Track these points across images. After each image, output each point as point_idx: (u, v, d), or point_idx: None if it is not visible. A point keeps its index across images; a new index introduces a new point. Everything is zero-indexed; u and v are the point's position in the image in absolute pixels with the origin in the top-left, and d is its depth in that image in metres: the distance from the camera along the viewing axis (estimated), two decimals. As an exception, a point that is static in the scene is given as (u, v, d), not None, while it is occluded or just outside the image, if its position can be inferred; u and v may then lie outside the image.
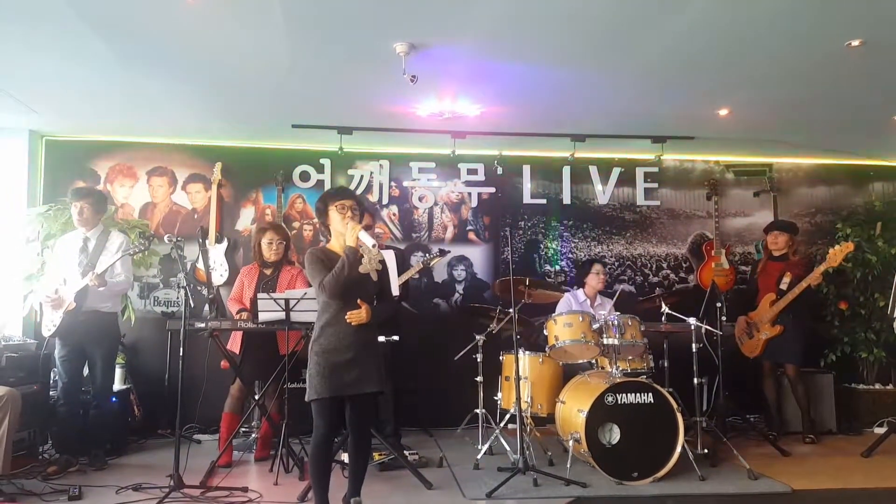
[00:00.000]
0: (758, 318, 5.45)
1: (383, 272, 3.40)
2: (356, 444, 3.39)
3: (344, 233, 3.30)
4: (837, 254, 5.08)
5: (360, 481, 3.37)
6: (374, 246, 3.28)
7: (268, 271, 4.83)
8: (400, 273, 4.82)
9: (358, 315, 3.24)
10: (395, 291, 4.48)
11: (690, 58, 4.24)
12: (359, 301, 3.25)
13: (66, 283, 4.40)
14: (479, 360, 4.96)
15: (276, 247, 4.79)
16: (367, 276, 3.29)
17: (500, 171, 6.29)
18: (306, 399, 3.27)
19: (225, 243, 5.90)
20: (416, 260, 5.99)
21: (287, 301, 4.16)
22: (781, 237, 5.52)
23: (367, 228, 4.68)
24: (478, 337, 4.97)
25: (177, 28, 3.81)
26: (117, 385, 5.28)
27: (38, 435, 4.58)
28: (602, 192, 6.45)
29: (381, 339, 4.26)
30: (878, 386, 5.96)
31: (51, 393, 4.69)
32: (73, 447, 4.49)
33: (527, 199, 6.39)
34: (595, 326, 4.58)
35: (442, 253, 5.44)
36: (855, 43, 3.95)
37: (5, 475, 3.86)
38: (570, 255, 6.38)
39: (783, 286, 5.36)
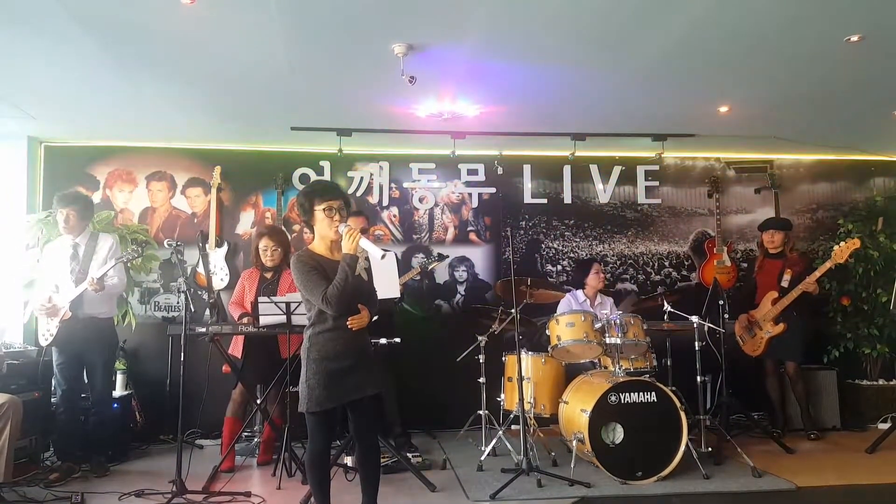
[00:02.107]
0: (759, 317, 5.42)
1: (370, 272, 3.23)
2: (365, 452, 3.22)
3: (330, 236, 3.13)
4: (844, 250, 5.03)
5: (374, 490, 3.20)
6: (382, 257, 3.06)
7: (268, 275, 4.82)
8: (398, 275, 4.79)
9: (360, 320, 3.12)
10: (397, 293, 4.47)
11: (690, 55, 4.23)
12: (360, 306, 3.13)
13: (58, 290, 4.37)
14: (481, 361, 4.95)
15: (272, 253, 4.76)
16: (360, 278, 3.13)
17: (500, 171, 6.27)
18: (302, 410, 3.07)
19: (225, 247, 5.89)
20: (417, 262, 5.99)
21: (288, 305, 4.15)
22: (777, 235, 5.52)
23: (363, 232, 4.68)
24: (480, 338, 4.96)
25: (174, 32, 3.80)
26: (119, 391, 5.28)
27: (40, 442, 4.57)
28: (603, 191, 6.44)
29: (383, 341, 4.28)
30: (881, 382, 5.95)
31: (52, 400, 4.67)
32: (75, 454, 4.48)
33: (527, 199, 6.38)
34: (597, 326, 4.57)
35: (441, 257, 5.42)
36: (854, 38, 3.94)
37: (7, 483, 3.86)
38: (572, 255, 6.37)
39: (784, 284, 5.34)
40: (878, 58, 4.23)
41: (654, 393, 4.19)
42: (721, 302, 4.86)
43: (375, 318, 3.41)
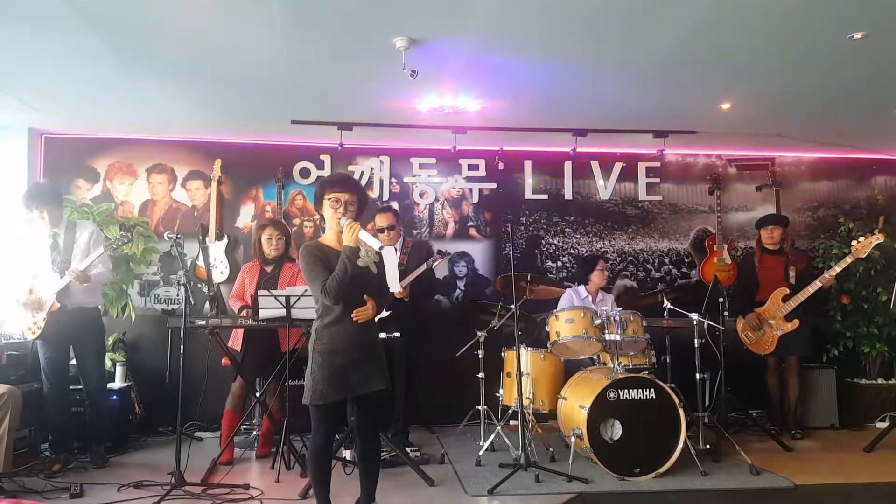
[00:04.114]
0: (768, 315, 5.33)
1: (381, 265, 3.24)
2: (365, 448, 3.24)
3: (334, 227, 3.15)
4: (865, 245, 4.97)
5: (373, 484, 3.22)
6: (381, 248, 3.08)
7: (269, 268, 4.83)
8: (415, 268, 4.78)
9: (365, 312, 3.10)
10: (396, 288, 4.46)
11: (692, 51, 4.22)
12: (365, 297, 3.13)
13: (36, 279, 4.30)
14: (480, 356, 4.96)
15: (276, 242, 4.78)
16: (368, 271, 3.14)
17: (501, 166, 6.26)
18: (307, 402, 3.09)
19: (225, 240, 5.89)
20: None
21: (288, 298, 4.15)
22: (777, 231, 5.49)
23: (391, 229, 4.71)
24: (479, 333, 4.97)
25: (175, 25, 3.79)
26: (118, 383, 5.28)
27: (39, 433, 4.57)
28: (604, 187, 6.43)
29: (382, 335, 4.28)
30: (880, 381, 5.95)
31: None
32: (70, 445, 4.48)
33: (528, 195, 6.37)
34: (597, 322, 4.56)
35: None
36: (857, 35, 3.92)
37: (6, 473, 3.86)
38: (572, 251, 6.37)
39: (792, 281, 5.30)
40: (881, 55, 4.21)
41: (652, 390, 4.19)
42: (721, 299, 4.85)
43: (388, 312, 3.42)
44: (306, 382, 3.09)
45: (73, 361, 4.60)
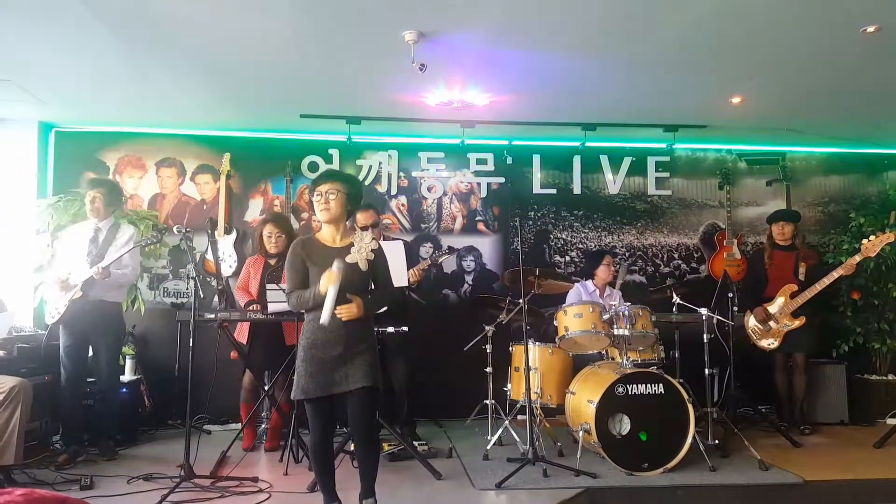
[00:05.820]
0: (776, 311, 5.29)
1: (379, 260, 3.19)
2: (359, 444, 3.18)
3: (324, 220, 3.16)
4: (875, 244, 4.93)
5: (371, 480, 3.19)
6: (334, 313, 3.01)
7: (273, 262, 4.85)
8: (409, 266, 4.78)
9: (349, 311, 3.01)
10: (403, 282, 4.46)
11: (703, 45, 4.19)
12: (349, 296, 3.03)
13: (71, 274, 4.39)
14: (488, 350, 4.95)
15: (276, 240, 4.80)
16: (355, 267, 3.08)
17: (509, 160, 6.25)
18: (292, 397, 3.10)
19: (234, 234, 5.90)
20: (425, 251, 5.99)
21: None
22: (788, 227, 5.44)
23: (374, 227, 4.72)
24: (487, 328, 4.96)
25: (185, 18, 3.80)
26: (128, 376, 5.31)
27: (50, 425, 4.61)
28: (613, 182, 6.40)
29: (391, 329, 4.29)
30: (890, 377, 5.90)
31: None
32: (81, 437, 4.51)
33: (537, 189, 6.35)
34: (605, 317, 4.55)
35: (451, 250, 5.38)
36: (871, 29, 3.89)
37: (18, 465, 3.88)
38: (581, 246, 6.35)
39: (801, 277, 5.27)
40: (894, 49, 4.17)
41: (661, 385, 4.18)
42: (730, 294, 4.83)
43: (385, 308, 3.42)
44: (294, 377, 3.11)
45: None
